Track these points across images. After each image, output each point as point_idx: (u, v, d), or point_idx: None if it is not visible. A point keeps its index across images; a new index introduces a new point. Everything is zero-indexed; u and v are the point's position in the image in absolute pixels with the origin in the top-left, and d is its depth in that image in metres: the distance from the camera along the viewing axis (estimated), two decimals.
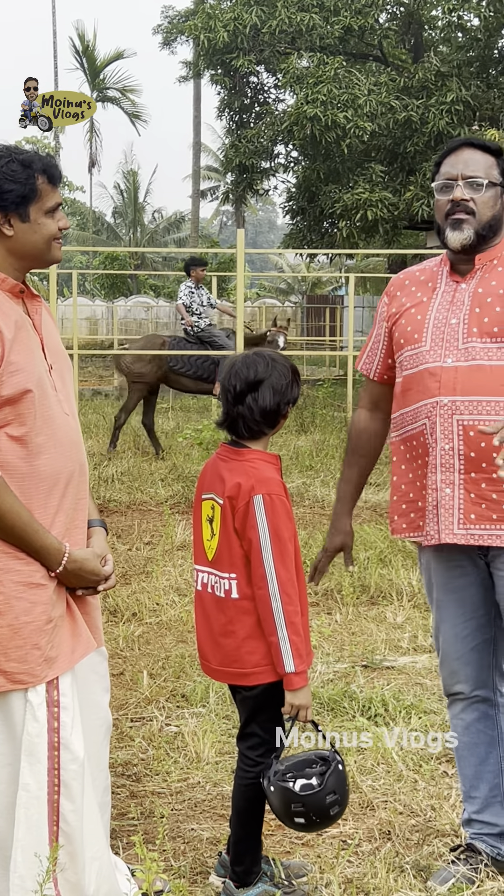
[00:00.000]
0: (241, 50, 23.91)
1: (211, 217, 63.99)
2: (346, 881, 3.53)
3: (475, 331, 3.30)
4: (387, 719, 4.94)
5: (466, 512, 3.29)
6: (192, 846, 3.84)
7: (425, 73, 22.10)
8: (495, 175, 3.37)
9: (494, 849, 3.58)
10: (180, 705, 5.14)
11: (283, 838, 3.89)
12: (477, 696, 3.56)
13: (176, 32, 29.34)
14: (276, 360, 3.34)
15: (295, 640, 3.21)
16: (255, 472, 3.27)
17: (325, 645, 6.10)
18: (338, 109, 21.17)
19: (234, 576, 3.29)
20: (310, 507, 10.21)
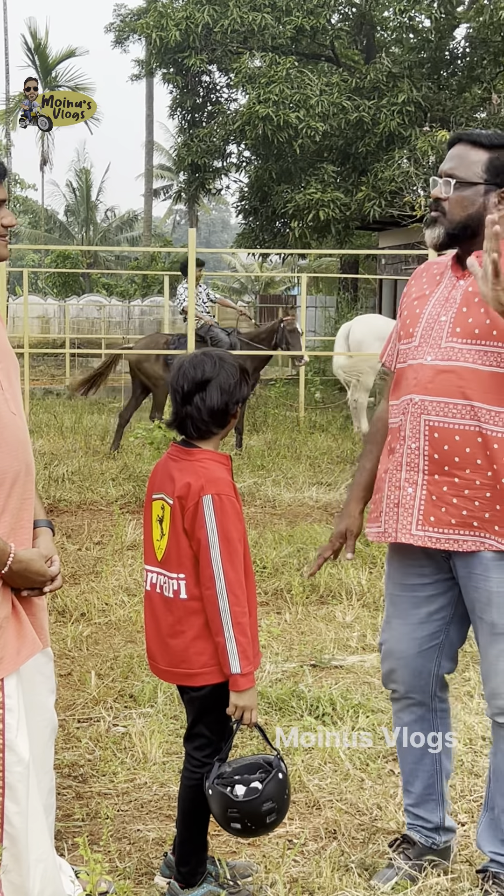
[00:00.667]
0: (194, 49, 23.90)
1: (164, 216, 63.89)
2: (292, 881, 3.53)
3: (458, 330, 3.26)
4: (334, 718, 4.95)
5: (426, 514, 3.27)
6: (138, 847, 3.83)
7: (377, 74, 22.17)
8: (476, 173, 3.28)
9: (429, 839, 3.60)
10: (128, 706, 5.12)
11: (230, 838, 3.89)
12: (412, 698, 3.56)
13: (128, 31, 29.18)
14: (225, 360, 3.33)
15: (241, 641, 3.20)
16: (204, 472, 3.26)
17: (274, 644, 6.10)
18: (290, 109, 21.22)
19: (182, 576, 3.28)
20: (261, 506, 10.21)
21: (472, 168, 3.27)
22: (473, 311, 3.24)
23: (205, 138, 24.73)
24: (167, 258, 39.95)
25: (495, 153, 3.27)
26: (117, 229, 54.18)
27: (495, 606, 3.26)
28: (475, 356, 3.21)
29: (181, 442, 3.38)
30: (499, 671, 3.31)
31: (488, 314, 3.19)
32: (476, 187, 3.27)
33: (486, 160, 3.27)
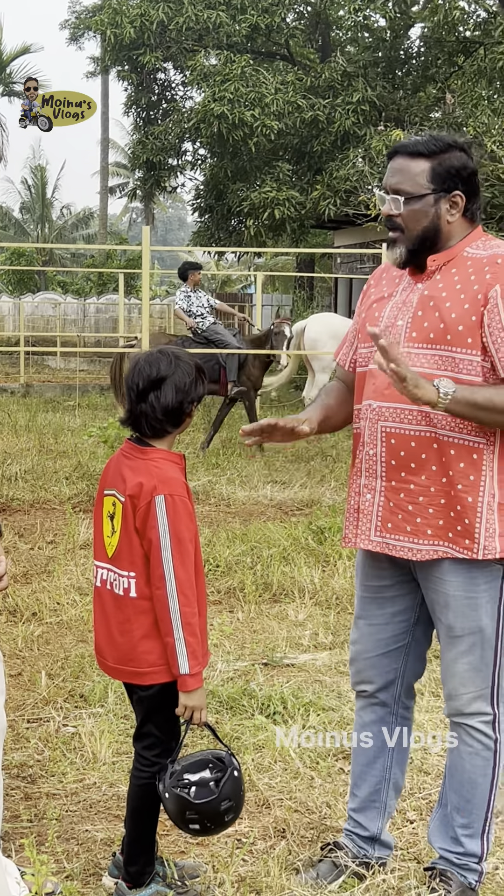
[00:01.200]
0: (149, 46, 23.83)
1: (120, 214, 63.70)
2: (240, 880, 3.53)
3: (414, 335, 3.24)
4: (285, 717, 4.95)
5: (384, 520, 3.28)
6: (86, 847, 3.81)
7: (332, 73, 22.20)
8: (423, 184, 3.23)
9: (361, 850, 3.59)
10: (79, 706, 5.10)
11: (178, 838, 3.88)
12: (377, 698, 3.57)
13: (83, 28, 29.06)
14: (180, 358, 3.32)
15: (191, 642, 3.20)
16: (157, 471, 3.25)
17: (226, 643, 6.10)
18: (245, 108, 21.19)
19: (133, 574, 3.27)
20: (215, 505, 10.20)
21: (417, 180, 3.23)
22: (428, 316, 3.23)
23: (160, 136, 24.67)
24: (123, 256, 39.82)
25: (436, 160, 3.24)
26: (73, 227, 53.94)
27: (452, 610, 3.27)
28: (430, 361, 3.19)
29: (135, 440, 3.37)
30: (455, 673, 3.33)
31: (442, 319, 3.19)
32: (425, 199, 3.24)
33: (429, 169, 3.23)
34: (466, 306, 3.15)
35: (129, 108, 27.01)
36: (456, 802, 3.40)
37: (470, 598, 3.25)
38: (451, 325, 3.16)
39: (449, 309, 3.18)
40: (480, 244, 3.29)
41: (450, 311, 3.17)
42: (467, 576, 3.23)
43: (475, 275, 3.19)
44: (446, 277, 3.25)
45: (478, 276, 3.18)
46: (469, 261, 3.24)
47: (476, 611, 3.25)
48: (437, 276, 3.28)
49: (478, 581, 3.24)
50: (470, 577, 3.24)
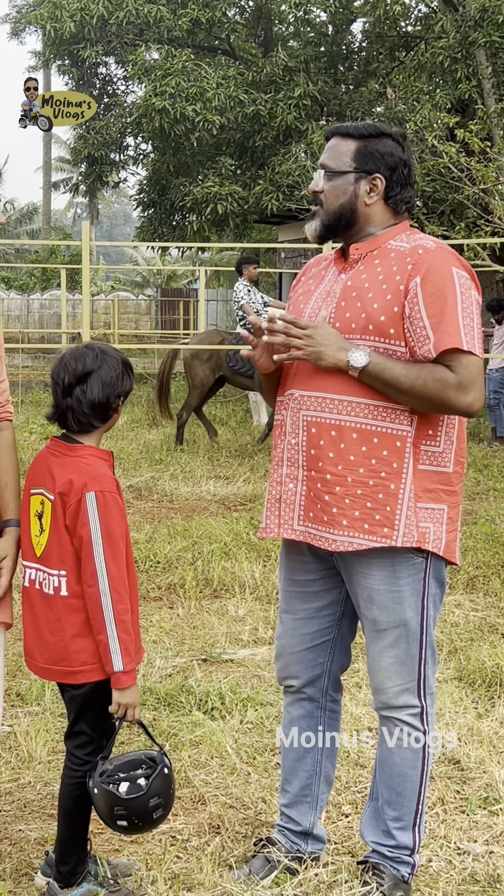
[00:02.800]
0: (89, 41, 23.68)
1: (65, 209, 63.32)
2: (173, 877, 3.51)
3: (337, 325, 3.25)
4: (223, 713, 4.95)
5: (306, 509, 3.29)
6: (19, 847, 3.78)
7: (273, 68, 22.18)
8: (346, 162, 3.31)
9: (293, 845, 3.60)
10: (15, 704, 5.07)
11: (112, 836, 3.86)
12: (304, 693, 3.57)
13: (24, 22, 28.85)
14: (107, 353, 3.32)
15: (124, 639, 3.18)
16: (87, 468, 3.24)
17: (166, 639, 6.09)
18: (186, 102, 21.12)
19: (63, 573, 3.24)
20: (158, 500, 10.19)
21: (342, 158, 3.31)
22: (350, 306, 3.25)
23: (101, 130, 24.52)
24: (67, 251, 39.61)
25: (364, 142, 3.31)
26: (16, 222, 53.62)
27: (376, 604, 3.28)
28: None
29: (62, 437, 3.35)
30: (381, 667, 3.33)
31: (364, 309, 3.21)
32: (346, 176, 3.31)
33: (355, 149, 3.31)
34: (388, 297, 3.18)
35: None
36: (387, 796, 3.41)
37: (393, 591, 3.25)
38: (373, 315, 3.18)
39: (371, 300, 3.20)
40: (405, 237, 3.32)
41: (371, 302, 3.20)
42: (390, 570, 3.24)
43: (397, 266, 3.21)
44: (369, 268, 3.28)
45: (400, 267, 3.20)
46: (393, 253, 3.27)
47: (400, 604, 3.26)
48: (361, 266, 3.31)
49: (400, 574, 3.25)
50: (392, 571, 3.24)
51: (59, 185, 51.61)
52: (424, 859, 3.67)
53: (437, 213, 17.53)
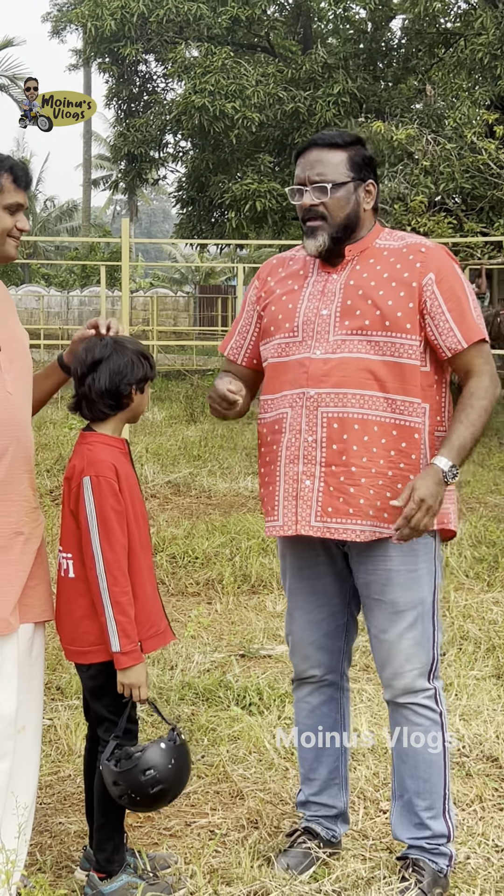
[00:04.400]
0: (129, 38, 23.73)
1: (104, 206, 63.57)
2: (211, 871, 3.53)
3: (347, 323, 3.33)
4: (261, 708, 4.95)
5: (324, 505, 3.32)
6: (59, 840, 3.80)
7: (313, 65, 22.15)
8: (343, 172, 3.37)
9: (329, 831, 3.64)
10: (55, 698, 5.09)
11: (151, 830, 3.88)
12: (326, 679, 3.62)
13: (65, 21, 28.98)
14: (120, 343, 3.38)
15: (121, 620, 3.23)
16: (89, 454, 3.32)
17: (204, 635, 6.10)
18: (226, 100, 21.13)
19: (70, 556, 3.34)
20: (196, 496, 10.19)
21: (339, 169, 3.38)
22: (359, 304, 3.33)
23: (141, 128, 24.59)
24: (107, 248, 39.75)
25: (351, 150, 3.42)
26: (57, 219, 53.84)
27: (396, 585, 3.35)
28: (367, 347, 3.30)
29: (85, 427, 3.43)
30: (401, 650, 3.38)
31: (377, 306, 3.30)
32: (347, 186, 3.39)
33: (347, 158, 3.40)
34: (402, 293, 3.30)
35: (110, 100, 26.93)
36: (415, 787, 3.44)
37: (411, 571, 3.35)
38: (389, 311, 3.29)
39: (383, 297, 3.30)
40: (388, 236, 3.47)
41: (385, 299, 3.30)
42: (408, 550, 3.34)
43: (400, 263, 3.34)
44: (368, 267, 3.38)
45: (404, 264, 3.34)
46: (385, 251, 3.40)
47: (418, 583, 3.36)
48: (357, 266, 3.40)
49: (418, 554, 3.36)
50: (411, 552, 3.34)
51: (99, 183, 51.79)
52: (462, 857, 3.65)
53: (476, 210, 17.43)
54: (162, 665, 5.46)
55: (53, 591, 3.44)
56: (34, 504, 3.35)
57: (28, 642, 3.34)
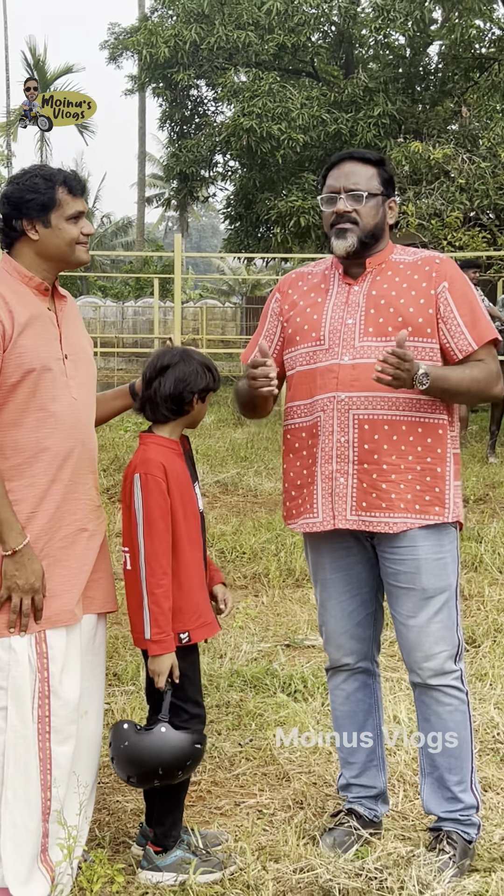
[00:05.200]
0: (182, 65, 23.82)
1: (157, 222, 63.72)
2: (260, 848, 3.52)
3: (371, 330, 3.38)
4: (305, 695, 4.95)
5: (359, 500, 3.36)
6: (117, 817, 3.82)
7: (354, 89, 22.13)
8: (375, 186, 3.45)
9: (371, 811, 3.64)
10: (112, 683, 5.10)
11: (203, 809, 3.89)
12: (360, 667, 3.64)
13: (121, 48, 29.08)
14: (188, 354, 3.42)
15: (154, 610, 3.25)
16: (143, 453, 3.35)
17: (251, 625, 6.10)
18: (272, 122, 21.15)
19: (126, 549, 3.37)
20: (243, 495, 10.19)
21: (372, 182, 3.46)
22: (382, 313, 3.38)
23: (193, 149, 24.65)
24: (159, 262, 39.87)
25: (380, 168, 3.49)
26: (112, 235, 54.05)
27: (425, 572, 3.38)
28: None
29: (146, 428, 3.46)
30: (430, 633, 3.41)
31: (399, 314, 3.36)
32: (377, 198, 3.46)
33: (377, 174, 3.47)
34: (422, 301, 3.37)
35: (163, 122, 27.05)
36: (446, 764, 3.46)
37: (439, 559, 3.40)
38: (411, 318, 3.35)
39: (404, 305, 3.37)
40: (401, 251, 3.54)
41: (406, 307, 3.37)
42: (435, 540, 3.39)
43: (417, 274, 3.41)
44: (387, 279, 3.44)
45: (421, 275, 3.41)
46: (401, 264, 3.47)
47: (445, 570, 3.41)
48: (377, 277, 3.45)
49: (444, 542, 3.41)
50: (438, 541, 3.40)
51: (152, 200, 51.94)
52: (497, 837, 3.62)
53: None
54: (212, 654, 5.47)
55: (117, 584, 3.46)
56: (97, 502, 3.37)
57: (91, 632, 3.36)
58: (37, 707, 3.13)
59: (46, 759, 3.16)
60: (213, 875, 3.33)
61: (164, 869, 3.35)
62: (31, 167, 3.29)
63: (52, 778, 3.17)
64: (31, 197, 3.18)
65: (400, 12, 21.33)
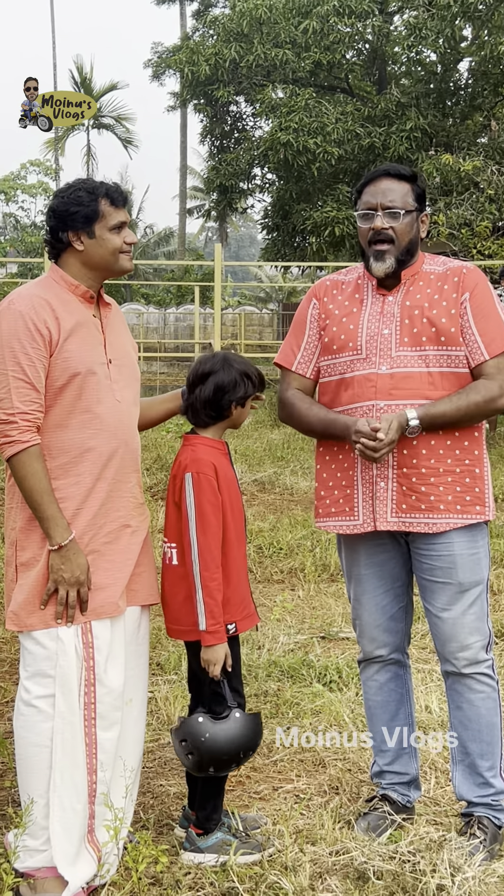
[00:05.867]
0: (222, 82, 23.83)
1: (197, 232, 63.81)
2: (297, 831, 3.52)
3: (406, 340, 3.38)
4: (340, 685, 4.94)
5: (399, 502, 3.37)
6: (160, 800, 3.83)
7: (387, 104, 22.04)
8: (411, 202, 3.44)
9: (404, 797, 3.64)
10: (155, 673, 5.12)
11: (243, 794, 3.89)
12: (392, 658, 3.64)
13: (164, 66, 29.15)
14: (231, 361, 3.42)
15: (208, 602, 3.25)
16: (192, 453, 3.36)
17: (288, 618, 6.09)
18: (308, 136, 21.12)
19: (174, 545, 3.38)
20: (280, 493, 10.19)
21: (407, 198, 3.44)
22: (416, 323, 3.38)
23: (232, 162, 24.66)
24: (199, 270, 39.94)
25: (413, 183, 3.46)
26: (155, 244, 54.19)
27: (460, 567, 3.39)
28: (426, 360, 3.36)
29: (190, 430, 3.47)
30: (465, 624, 3.41)
31: (433, 324, 3.35)
32: (412, 214, 3.45)
33: (410, 189, 3.44)
34: (452, 311, 3.36)
35: (204, 137, 27.07)
36: (478, 750, 3.46)
37: (473, 554, 3.40)
38: (443, 328, 3.35)
39: (437, 315, 3.36)
40: (431, 261, 3.51)
41: (439, 317, 3.36)
42: (469, 536, 3.40)
43: (447, 285, 3.40)
44: (419, 290, 3.42)
45: (450, 286, 3.39)
46: (432, 275, 3.45)
47: (479, 564, 3.42)
48: (411, 288, 3.44)
49: (477, 538, 3.42)
50: (472, 537, 3.41)
51: (193, 212, 52.02)
52: None
53: None
54: (251, 645, 5.47)
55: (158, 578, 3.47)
56: (140, 500, 3.38)
57: (135, 624, 3.37)
58: (83, 694, 3.15)
59: (92, 745, 3.17)
60: (253, 856, 3.34)
61: (206, 850, 3.36)
62: (75, 181, 3.31)
63: (98, 762, 3.18)
64: (75, 209, 3.21)
65: (431, 30, 21.22)
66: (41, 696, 3.15)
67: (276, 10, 23.07)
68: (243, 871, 3.24)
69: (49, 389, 3.15)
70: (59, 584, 3.12)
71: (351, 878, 3.20)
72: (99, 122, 46.79)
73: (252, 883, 3.19)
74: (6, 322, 3.15)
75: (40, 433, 3.15)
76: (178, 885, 3.21)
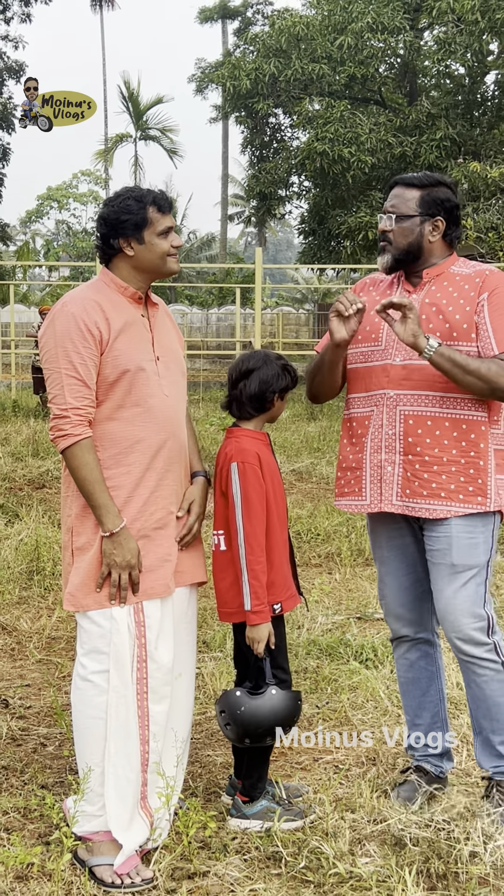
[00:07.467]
0: (262, 95, 23.82)
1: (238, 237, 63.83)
2: (337, 800, 3.52)
3: None
4: (376, 663, 4.92)
5: (403, 487, 3.36)
6: (208, 770, 3.83)
7: (418, 115, 21.95)
8: (413, 208, 3.41)
9: (437, 767, 3.62)
10: (201, 650, 5.12)
11: (285, 763, 3.88)
12: (420, 637, 3.61)
13: (207, 80, 29.19)
14: (269, 358, 3.44)
15: (254, 584, 3.26)
16: (236, 444, 3.36)
17: (325, 600, 6.08)
18: (343, 146, 21.07)
19: (221, 532, 3.38)
20: (316, 483, 10.18)
21: (408, 204, 3.42)
22: (433, 319, 3.36)
23: (271, 171, 24.65)
24: (240, 273, 39.93)
25: (426, 190, 3.43)
26: (198, 249, 54.23)
27: (455, 549, 3.34)
28: None
29: (233, 423, 3.48)
30: (456, 605, 3.36)
31: (447, 320, 3.33)
32: (413, 219, 3.42)
33: (419, 196, 3.43)
34: (468, 308, 3.33)
35: (245, 147, 27.06)
36: (490, 726, 3.42)
37: (470, 538, 3.34)
38: (457, 324, 3.32)
39: (452, 312, 3.34)
40: (461, 264, 3.49)
41: (454, 314, 3.33)
42: (470, 523, 3.34)
43: (468, 285, 3.38)
44: (441, 289, 3.41)
45: (471, 286, 3.37)
46: (458, 276, 3.43)
47: (475, 550, 3.35)
48: (433, 287, 3.42)
49: (478, 526, 3.35)
50: (472, 524, 3.35)
51: (234, 218, 52.07)
52: None
53: None
54: (291, 625, 5.46)
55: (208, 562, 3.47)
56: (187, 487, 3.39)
57: (184, 603, 3.37)
58: (135, 670, 3.16)
59: (145, 717, 3.18)
60: (296, 823, 3.34)
61: (252, 817, 3.36)
62: (122, 190, 3.30)
63: (150, 733, 3.19)
64: (125, 218, 3.21)
65: (460, 45, 21.07)
66: (96, 671, 3.16)
67: (312, 27, 23.02)
68: (286, 837, 3.24)
69: (101, 385, 3.16)
70: (111, 567, 3.13)
71: (388, 843, 3.19)
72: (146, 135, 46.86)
73: (295, 848, 3.18)
74: (60, 323, 3.17)
75: (92, 426, 3.16)
76: (225, 849, 3.21)
